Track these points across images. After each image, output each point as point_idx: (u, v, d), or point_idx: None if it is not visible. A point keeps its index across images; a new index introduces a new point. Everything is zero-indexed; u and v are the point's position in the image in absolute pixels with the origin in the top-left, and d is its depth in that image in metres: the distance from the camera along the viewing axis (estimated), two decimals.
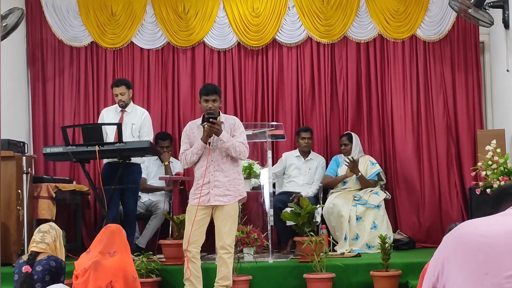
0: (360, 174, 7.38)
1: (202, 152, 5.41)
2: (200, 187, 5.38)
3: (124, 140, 6.30)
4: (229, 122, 5.55)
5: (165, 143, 7.64)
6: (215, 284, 5.44)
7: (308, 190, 7.45)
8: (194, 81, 8.10)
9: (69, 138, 6.44)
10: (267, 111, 8.01)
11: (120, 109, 6.95)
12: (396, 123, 7.88)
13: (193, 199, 5.45)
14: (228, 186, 5.38)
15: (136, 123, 6.89)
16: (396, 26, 7.89)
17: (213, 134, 5.34)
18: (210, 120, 5.28)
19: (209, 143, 5.39)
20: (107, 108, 7.22)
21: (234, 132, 5.47)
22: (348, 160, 7.32)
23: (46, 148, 6.50)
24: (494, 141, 6.08)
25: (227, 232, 5.36)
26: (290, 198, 7.04)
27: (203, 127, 5.37)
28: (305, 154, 7.66)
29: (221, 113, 5.61)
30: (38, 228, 4.63)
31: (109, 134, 6.70)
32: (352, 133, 7.66)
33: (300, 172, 7.59)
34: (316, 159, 7.67)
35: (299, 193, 7.33)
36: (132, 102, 7.08)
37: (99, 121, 7.07)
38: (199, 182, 5.42)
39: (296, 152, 7.70)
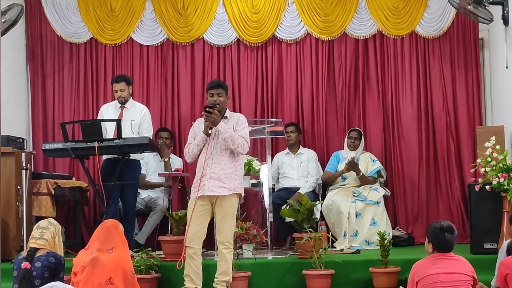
0: (361, 174, 7.38)
1: (203, 144, 5.46)
2: (198, 179, 5.43)
3: (123, 136, 6.30)
4: (234, 118, 5.60)
5: (165, 133, 7.66)
6: (215, 279, 5.45)
7: (304, 184, 7.46)
8: (194, 77, 8.09)
9: (68, 134, 6.43)
10: (266, 108, 8.01)
11: (120, 105, 6.94)
12: (396, 120, 7.88)
13: (193, 192, 5.49)
14: (223, 178, 5.40)
15: (135, 119, 6.88)
16: (396, 23, 7.88)
17: (212, 125, 5.37)
18: (207, 109, 5.33)
19: (209, 134, 5.42)
20: (107, 104, 7.22)
21: (237, 127, 5.51)
22: (349, 162, 7.32)
23: (45, 144, 6.50)
24: (493, 138, 6.08)
25: (227, 229, 5.39)
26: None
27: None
28: (293, 149, 7.68)
29: (228, 110, 5.64)
30: (37, 224, 4.63)
31: (109, 131, 6.69)
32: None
33: (293, 168, 7.61)
34: (306, 153, 7.69)
35: (298, 189, 7.34)
36: (131, 98, 7.07)
37: (99, 117, 7.06)
38: (198, 174, 5.48)
39: (285, 150, 7.75)
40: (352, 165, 7.33)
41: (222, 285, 5.43)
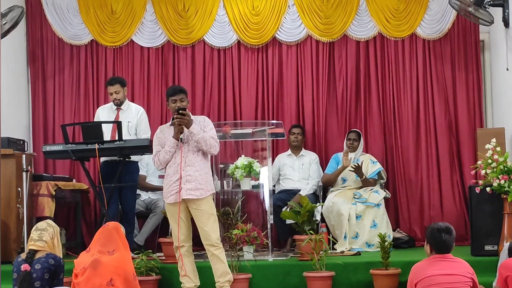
0: (364, 177, 7.38)
1: (174, 150, 5.48)
2: (173, 183, 5.45)
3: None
4: (199, 120, 5.62)
5: None
6: (216, 284, 5.45)
7: (305, 186, 7.46)
8: (194, 79, 8.10)
9: (69, 136, 6.44)
10: (267, 110, 8.01)
11: (116, 107, 6.95)
12: (397, 121, 7.88)
13: (168, 197, 5.49)
14: (200, 180, 5.43)
15: (132, 121, 6.89)
16: (396, 25, 7.88)
17: (184, 127, 5.41)
18: (180, 112, 5.36)
19: (181, 139, 5.44)
20: (102, 107, 7.23)
21: (204, 128, 5.55)
22: (353, 166, 7.31)
23: (45, 146, 6.51)
24: (494, 140, 6.08)
25: (210, 230, 5.42)
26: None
27: (174, 124, 5.44)
28: (296, 151, 7.68)
29: (190, 113, 5.62)
30: (35, 226, 4.63)
31: (105, 133, 6.67)
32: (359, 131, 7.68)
33: (294, 170, 7.61)
34: (308, 155, 7.69)
35: (298, 191, 7.34)
36: (127, 99, 7.07)
37: (95, 120, 7.07)
38: (171, 178, 5.48)
39: (287, 152, 7.74)
40: (357, 169, 7.32)
41: (227, 286, 5.44)
